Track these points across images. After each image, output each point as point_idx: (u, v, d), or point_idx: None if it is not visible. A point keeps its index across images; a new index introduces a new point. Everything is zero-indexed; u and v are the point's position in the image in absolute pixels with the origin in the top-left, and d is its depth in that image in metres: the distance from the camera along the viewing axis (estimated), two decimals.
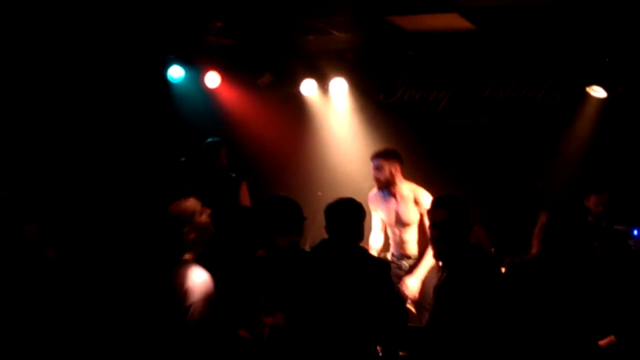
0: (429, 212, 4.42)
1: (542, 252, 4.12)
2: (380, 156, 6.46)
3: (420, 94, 8.39)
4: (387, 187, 6.41)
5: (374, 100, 8.51)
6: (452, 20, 7.00)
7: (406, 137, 8.09)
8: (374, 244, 6.53)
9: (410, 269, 6.19)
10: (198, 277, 3.86)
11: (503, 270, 4.71)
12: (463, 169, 7.95)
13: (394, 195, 6.39)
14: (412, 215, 6.31)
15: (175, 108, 8.58)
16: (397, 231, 6.41)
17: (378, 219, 6.55)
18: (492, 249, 6.46)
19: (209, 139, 6.97)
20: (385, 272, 4.37)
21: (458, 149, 8.17)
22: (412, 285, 6.09)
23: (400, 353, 4.80)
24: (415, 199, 6.32)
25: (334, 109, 8.60)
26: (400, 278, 6.09)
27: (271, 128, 7.37)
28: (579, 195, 6.65)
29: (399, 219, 6.36)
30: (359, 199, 4.62)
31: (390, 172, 6.38)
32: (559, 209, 4.18)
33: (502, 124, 8.08)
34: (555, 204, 4.21)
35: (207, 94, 8.56)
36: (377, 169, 6.44)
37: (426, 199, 6.15)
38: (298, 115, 8.60)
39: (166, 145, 8.13)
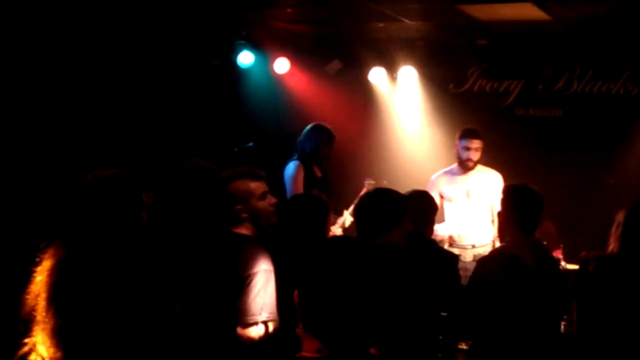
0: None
1: (623, 252, 4.00)
2: (480, 137, 6.50)
3: (491, 84, 8.27)
4: (471, 169, 6.48)
5: (443, 90, 8.42)
6: (526, 10, 6.86)
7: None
8: (443, 231, 6.45)
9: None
10: (255, 251, 3.88)
11: (573, 267, 4.64)
12: (533, 162, 7.81)
13: (469, 176, 6.38)
14: (485, 197, 6.27)
15: (245, 94, 8.63)
16: (462, 215, 6.38)
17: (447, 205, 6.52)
18: (561, 245, 6.33)
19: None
20: (454, 265, 4.33)
21: (529, 141, 8.02)
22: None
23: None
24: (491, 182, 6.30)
25: (403, 97, 8.53)
26: (465, 271, 6.02)
27: (339, 115, 7.35)
28: None
29: (470, 201, 6.34)
30: (424, 187, 4.59)
31: (481, 155, 6.46)
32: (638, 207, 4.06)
33: (575, 117, 7.90)
34: (635, 203, 4.06)
35: (276, 80, 8.58)
36: (476, 149, 6.41)
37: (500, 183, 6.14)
38: (366, 103, 8.58)
39: (235, 131, 8.17)
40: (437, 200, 6.32)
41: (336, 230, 6.36)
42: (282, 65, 8.46)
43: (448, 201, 6.65)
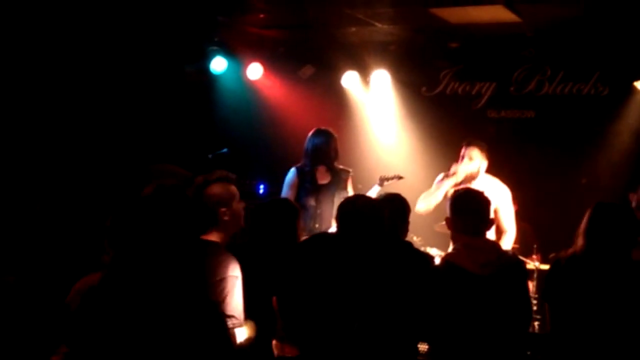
0: None
1: (587, 250, 4.05)
2: (476, 145, 6.39)
3: (463, 86, 8.32)
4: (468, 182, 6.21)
5: (416, 93, 8.46)
6: (497, 13, 6.92)
7: (448, 131, 8.04)
8: None
9: None
10: (224, 258, 3.88)
11: (548, 267, 4.66)
12: (506, 163, 7.85)
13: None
14: None
15: (218, 100, 8.61)
16: None
17: None
18: (534, 245, 6.37)
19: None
20: (429, 267, 4.34)
21: (501, 143, 8.07)
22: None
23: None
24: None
25: (376, 101, 8.56)
26: None
27: (312, 120, 7.34)
28: (624, 191, 6.53)
29: None
30: (399, 189, 4.62)
31: (479, 168, 6.31)
32: (604, 206, 4.11)
33: (547, 118, 7.97)
34: (601, 202, 4.12)
35: (250, 85, 8.58)
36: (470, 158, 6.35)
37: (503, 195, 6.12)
38: (339, 107, 8.59)
39: (208, 137, 8.16)
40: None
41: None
42: (255, 71, 8.45)
43: None
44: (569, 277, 4.06)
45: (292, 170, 6.71)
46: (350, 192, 6.68)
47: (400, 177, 6.91)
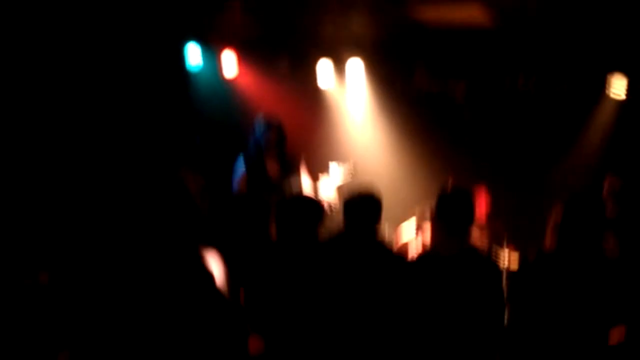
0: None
1: (557, 248, 4.08)
2: None
3: (439, 82, 8.31)
4: None
5: (391, 86, 8.44)
6: (471, 11, 6.94)
7: (423, 126, 8.07)
8: None
9: None
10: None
11: (515, 263, 4.70)
12: (481, 160, 7.90)
13: None
14: None
15: (192, 91, 8.53)
16: None
17: None
18: (506, 240, 6.41)
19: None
20: (401, 268, 4.35)
21: (475, 138, 8.11)
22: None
23: None
24: None
25: (351, 92, 8.54)
26: None
27: (287, 114, 7.31)
28: (595, 187, 6.59)
29: None
30: (376, 184, 4.62)
31: None
32: (574, 203, 4.13)
33: (520, 115, 8.00)
34: (571, 197, 4.15)
35: (224, 78, 8.50)
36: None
37: None
38: (314, 100, 8.55)
39: (183, 128, 8.10)
40: None
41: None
42: (229, 62, 8.37)
43: None
44: (539, 275, 4.08)
45: (239, 159, 6.57)
46: (305, 179, 6.59)
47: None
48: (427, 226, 5.53)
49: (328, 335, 3.99)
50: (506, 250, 6.19)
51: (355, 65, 8.25)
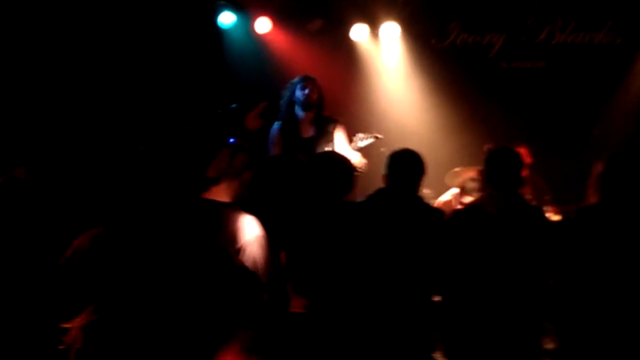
0: None
1: (601, 202, 4.03)
2: None
3: (473, 37, 8.22)
4: None
5: (426, 45, 8.37)
6: None
7: (460, 82, 7.98)
8: None
9: None
10: (248, 222, 3.87)
11: (559, 218, 4.67)
12: (517, 114, 7.82)
13: None
14: None
15: (227, 54, 8.55)
16: None
17: None
18: (548, 196, 6.36)
19: None
20: (441, 222, 4.36)
21: (512, 94, 8.02)
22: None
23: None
24: None
25: (386, 54, 8.48)
26: None
27: (321, 74, 7.29)
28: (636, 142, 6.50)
29: None
30: (409, 143, 4.62)
31: None
32: (616, 159, 4.08)
33: (558, 69, 7.90)
34: (611, 155, 4.09)
35: (258, 39, 8.51)
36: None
37: None
38: (349, 60, 8.50)
39: (218, 93, 8.12)
40: None
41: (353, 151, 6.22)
42: (263, 24, 8.37)
43: None
44: (583, 230, 4.04)
45: (275, 125, 6.47)
46: (340, 143, 6.34)
47: (377, 137, 6.38)
48: (468, 187, 5.51)
49: (370, 291, 4.01)
50: (548, 207, 6.15)
51: (390, 28, 8.18)
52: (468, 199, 5.51)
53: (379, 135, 6.34)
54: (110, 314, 2.74)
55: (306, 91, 6.38)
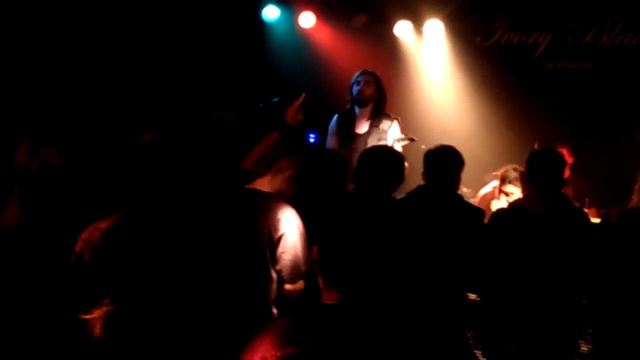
0: None
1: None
2: None
3: (519, 37, 8.15)
4: None
5: (470, 43, 8.32)
6: None
7: (503, 81, 7.93)
8: None
9: None
10: (289, 212, 3.94)
11: (598, 220, 4.62)
12: (562, 115, 7.74)
13: None
14: None
15: (270, 48, 8.59)
16: None
17: None
18: (588, 198, 6.30)
19: None
20: (481, 220, 4.35)
21: (557, 94, 7.94)
22: None
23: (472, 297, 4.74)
24: None
25: (429, 51, 8.45)
26: None
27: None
28: None
29: None
30: (450, 141, 4.61)
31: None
32: None
33: (604, 70, 7.80)
34: None
35: (302, 34, 8.53)
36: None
37: None
38: (392, 57, 8.49)
39: (260, 86, 8.17)
40: None
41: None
42: (307, 19, 8.39)
43: None
44: (623, 232, 4.00)
45: (334, 117, 6.55)
46: (392, 141, 6.21)
47: (412, 139, 6.22)
48: (510, 177, 5.48)
49: (404, 287, 4.01)
50: (589, 210, 6.09)
51: (434, 26, 8.15)
52: (510, 188, 5.47)
53: (415, 138, 6.26)
54: (129, 303, 2.77)
55: (359, 87, 6.38)
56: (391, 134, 6.31)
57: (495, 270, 4.17)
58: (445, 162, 4.42)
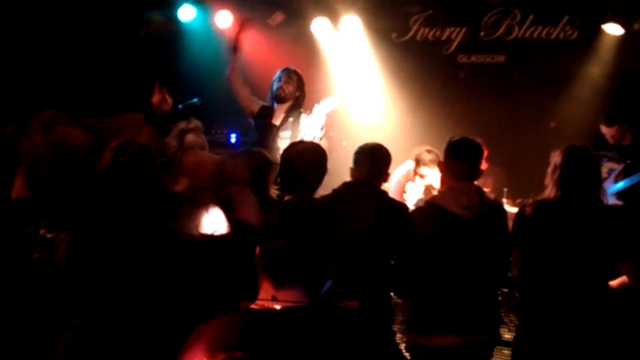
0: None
1: (560, 196, 4.09)
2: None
3: (434, 32, 8.27)
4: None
5: (387, 40, 8.40)
6: None
7: (419, 77, 8.03)
8: None
9: None
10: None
11: (515, 210, 4.73)
12: (477, 108, 7.89)
13: None
14: None
15: (186, 49, 8.50)
16: None
17: None
18: (506, 189, 6.45)
19: None
20: (405, 215, 4.39)
21: (472, 87, 8.10)
22: None
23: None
24: None
25: (346, 48, 8.50)
26: None
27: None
28: (592, 135, 6.60)
29: None
30: (370, 138, 4.65)
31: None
32: (574, 150, 4.14)
33: (517, 63, 7.99)
34: (568, 147, 4.15)
35: (219, 34, 8.46)
36: None
37: None
38: (310, 54, 8.51)
39: (178, 88, 8.08)
40: None
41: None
42: (223, 18, 8.34)
43: None
44: (540, 223, 4.10)
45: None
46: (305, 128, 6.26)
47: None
48: (424, 159, 5.57)
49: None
50: (507, 200, 6.24)
51: (351, 22, 8.20)
52: (424, 170, 5.57)
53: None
54: (96, 311, 2.78)
55: (280, 83, 6.44)
56: (303, 122, 6.33)
57: (416, 267, 4.22)
58: (376, 159, 4.43)
